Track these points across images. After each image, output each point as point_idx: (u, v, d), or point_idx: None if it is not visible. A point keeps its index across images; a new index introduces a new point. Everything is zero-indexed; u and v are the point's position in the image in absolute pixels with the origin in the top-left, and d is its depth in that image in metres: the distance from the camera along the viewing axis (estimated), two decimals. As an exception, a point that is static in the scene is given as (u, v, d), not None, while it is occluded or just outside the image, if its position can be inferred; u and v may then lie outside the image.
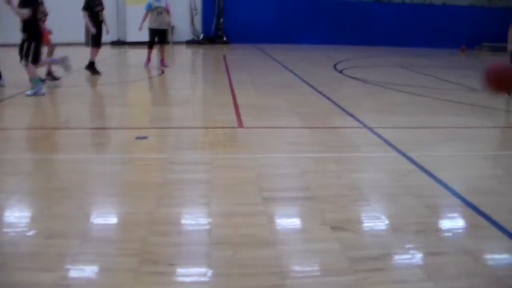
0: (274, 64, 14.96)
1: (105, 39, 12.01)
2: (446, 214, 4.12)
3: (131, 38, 19.66)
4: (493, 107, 8.77)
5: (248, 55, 17.88)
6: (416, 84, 11.31)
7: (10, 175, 4.65)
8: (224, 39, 22.01)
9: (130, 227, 3.58)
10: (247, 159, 5.24)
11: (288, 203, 4.14)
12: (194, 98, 9.51)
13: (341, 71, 13.41)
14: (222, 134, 6.35)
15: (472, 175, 5.08)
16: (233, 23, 22.13)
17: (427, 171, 4.96)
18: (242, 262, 3.10)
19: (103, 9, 11.40)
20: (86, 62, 11.21)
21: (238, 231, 3.53)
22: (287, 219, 3.93)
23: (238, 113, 7.51)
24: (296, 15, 23.01)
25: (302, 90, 10.07)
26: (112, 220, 3.85)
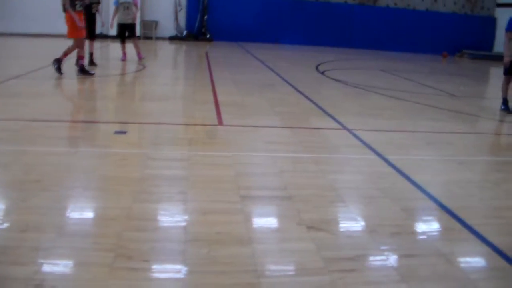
0: (256, 63, 14.97)
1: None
2: (422, 217, 4.16)
3: (114, 32, 19.47)
4: (470, 113, 8.89)
5: (230, 53, 17.86)
6: (397, 88, 11.40)
7: (-15, 166, 4.59)
8: (208, 36, 21.97)
9: (106, 222, 3.55)
10: (225, 157, 5.24)
11: (265, 202, 4.14)
12: (174, 94, 9.46)
13: (323, 73, 13.46)
14: (202, 131, 6.34)
15: (448, 180, 5.14)
16: (217, 21, 22.11)
17: (404, 174, 5.01)
18: (217, 260, 3.10)
19: (99, 2, 11.51)
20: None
21: (214, 228, 3.53)
22: (263, 218, 3.93)
23: (218, 110, 7.50)
24: (279, 15, 23.05)
25: (283, 90, 10.09)
26: (88, 214, 3.81)
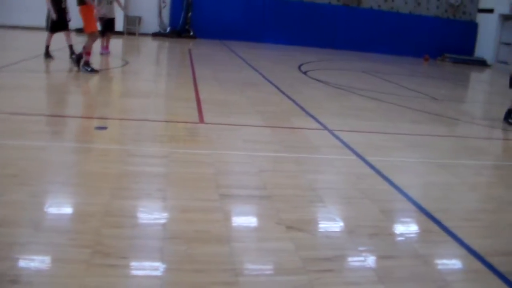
0: (239, 61, 14.96)
1: (71, 26, 11.91)
2: (400, 218, 4.19)
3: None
4: (451, 116, 8.97)
5: (213, 50, 17.82)
6: (379, 90, 11.47)
7: (-39, 159, 4.52)
8: (191, 33, 21.88)
9: (83, 218, 3.52)
10: (206, 155, 5.22)
11: (245, 201, 4.14)
12: (156, 91, 9.42)
13: (305, 73, 13.49)
14: (183, 129, 6.32)
15: (426, 182, 5.19)
16: (201, 18, 22.03)
17: (383, 176, 5.04)
18: (195, 258, 3.09)
19: None
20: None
21: (193, 226, 3.52)
22: (242, 216, 3.93)
23: (200, 108, 7.47)
24: (263, 14, 23.04)
25: (265, 89, 10.10)
26: (66, 210, 3.78)
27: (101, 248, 3.08)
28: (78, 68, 9.82)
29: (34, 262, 2.93)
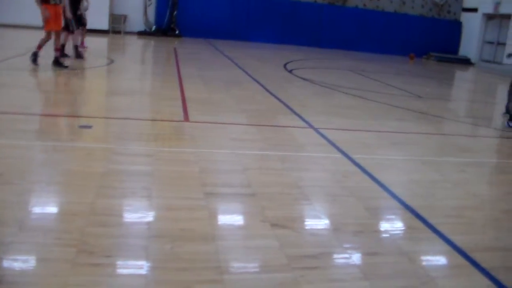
0: (224, 60, 14.95)
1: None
2: (385, 216, 4.21)
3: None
4: (435, 114, 9.04)
5: (199, 49, 17.78)
6: (364, 88, 11.52)
7: None
8: (177, 32, 21.82)
9: (68, 217, 3.50)
10: (190, 153, 5.21)
11: (230, 199, 4.15)
12: (142, 89, 9.37)
13: (290, 71, 13.51)
14: (168, 127, 6.30)
15: (411, 179, 5.23)
16: (186, 17, 21.98)
17: (368, 173, 5.06)
18: (180, 256, 3.09)
19: None
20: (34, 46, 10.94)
21: (178, 224, 3.51)
22: (227, 214, 3.92)
23: (185, 106, 7.46)
24: (249, 13, 23.04)
25: (250, 87, 10.10)
26: (51, 209, 3.75)
27: (85, 247, 3.07)
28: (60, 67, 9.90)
29: (18, 262, 2.91)
